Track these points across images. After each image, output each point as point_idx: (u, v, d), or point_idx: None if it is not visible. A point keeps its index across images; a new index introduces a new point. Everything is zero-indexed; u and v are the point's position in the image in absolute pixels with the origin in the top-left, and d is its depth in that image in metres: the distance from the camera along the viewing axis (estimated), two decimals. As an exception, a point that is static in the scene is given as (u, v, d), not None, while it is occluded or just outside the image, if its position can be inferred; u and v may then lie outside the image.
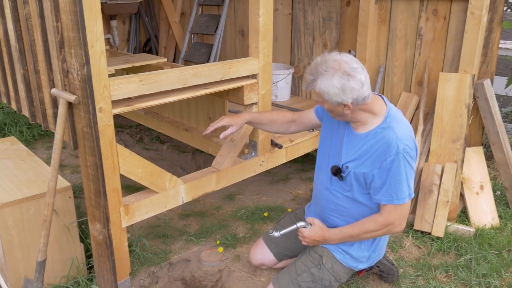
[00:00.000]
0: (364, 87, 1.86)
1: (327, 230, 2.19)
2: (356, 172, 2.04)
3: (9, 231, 2.29)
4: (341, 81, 1.82)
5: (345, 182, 2.11)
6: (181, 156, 4.32)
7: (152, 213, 2.43)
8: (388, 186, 1.96)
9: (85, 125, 2.06)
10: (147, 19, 5.49)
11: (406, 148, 1.94)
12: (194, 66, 2.45)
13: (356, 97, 1.86)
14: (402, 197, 1.97)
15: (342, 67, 1.83)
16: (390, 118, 1.99)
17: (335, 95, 1.86)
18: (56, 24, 1.99)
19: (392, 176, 1.95)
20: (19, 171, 2.62)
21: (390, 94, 3.57)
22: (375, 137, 1.99)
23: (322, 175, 2.26)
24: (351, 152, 2.07)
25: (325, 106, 1.98)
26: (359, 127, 2.05)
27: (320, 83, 1.86)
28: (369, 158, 2.00)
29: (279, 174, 3.93)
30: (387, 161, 1.94)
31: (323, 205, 2.26)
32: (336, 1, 3.74)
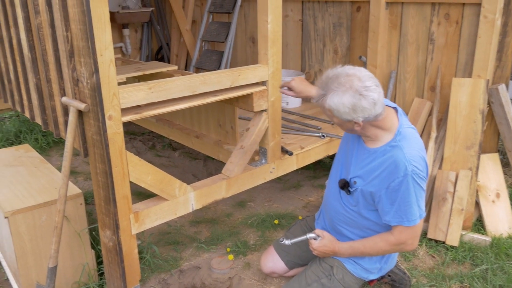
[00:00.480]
0: (376, 106, 1.78)
1: (337, 243, 2.16)
2: (363, 190, 2.00)
3: (21, 237, 2.32)
4: (352, 100, 1.75)
5: (352, 197, 2.08)
6: (193, 163, 4.32)
7: (162, 220, 2.43)
8: (397, 208, 1.91)
9: (94, 132, 2.08)
10: (159, 27, 5.54)
11: (415, 169, 1.86)
12: (203, 73, 2.45)
13: (367, 116, 1.79)
14: (413, 219, 1.92)
15: (354, 85, 1.75)
16: (400, 136, 1.91)
17: (345, 114, 1.79)
18: (66, 33, 2.01)
19: (401, 198, 1.89)
20: (32, 178, 2.65)
21: (402, 100, 3.53)
22: (384, 155, 1.93)
23: (332, 184, 2.23)
24: (359, 166, 2.03)
25: (334, 120, 1.92)
26: (368, 141, 2.01)
27: (330, 99, 1.79)
28: (377, 177, 1.94)
29: (290, 181, 3.91)
30: (395, 183, 1.88)
31: (331, 215, 2.24)
32: (346, 6, 3.72)
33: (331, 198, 2.23)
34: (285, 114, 3.87)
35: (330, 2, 3.82)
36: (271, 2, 2.60)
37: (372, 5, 3.43)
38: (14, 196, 2.41)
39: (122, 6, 5.26)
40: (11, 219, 2.25)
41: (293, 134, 3.39)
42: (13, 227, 2.27)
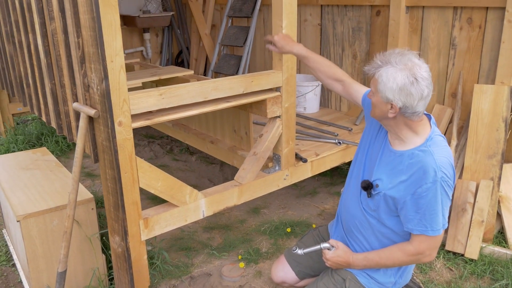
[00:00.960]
0: (421, 101, 1.72)
1: (351, 254, 2.08)
2: (386, 194, 1.92)
3: (33, 241, 2.34)
4: (405, 80, 1.68)
5: (372, 200, 1.99)
6: (209, 167, 4.31)
7: (172, 226, 2.41)
8: (422, 215, 1.83)
9: (104, 138, 2.08)
10: (179, 32, 5.57)
11: (445, 176, 1.78)
12: (215, 79, 2.43)
13: (408, 105, 1.72)
14: (437, 228, 1.83)
15: (414, 69, 1.69)
16: (431, 141, 1.83)
17: (390, 90, 1.71)
18: (77, 39, 2.02)
19: (427, 205, 1.80)
20: (47, 182, 2.68)
21: (422, 107, 3.44)
22: (411, 159, 1.85)
23: (352, 186, 2.15)
24: (383, 169, 1.95)
25: (373, 98, 1.83)
26: (395, 142, 1.93)
27: (384, 70, 1.71)
28: (403, 182, 1.86)
29: (306, 187, 3.85)
30: (422, 188, 1.80)
31: (347, 219, 2.16)
32: (365, 11, 3.65)
33: (349, 200, 2.14)
34: (301, 120, 3.83)
35: (350, 6, 3.76)
36: (286, 7, 2.56)
37: (392, 9, 3.36)
38: (27, 199, 2.44)
39: (143, 10, 5.32)
40: (23, 223, 2.28)
41: (309, 140, 3.34)
42: (25, 230, 2.29)
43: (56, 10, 2.18)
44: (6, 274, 2.78)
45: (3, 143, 4.61)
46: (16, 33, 3.01)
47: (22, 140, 4.64)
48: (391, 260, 1.97)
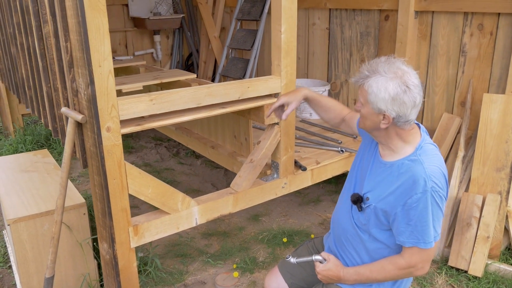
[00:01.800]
0: (414, 109, 1.67)
1: (342, 268, 2.00)
2: (376, 207, 1.85)
3: (23, 245, 2.32)
4: (397, 89, 1.62)
5: (363, 214, 1.93)
6: (214, 172, 4.27)
7: (163, 234, 2.37)
8: (414, 227, 1.75)
9: (92, 144, 2.05)
10: (189, 34, 5.55)
11: (435, 186, 1.71)
12: (210, 85, 2.38)
13: (401, 114, 1.66)
14: (429, 241, 1.75)
15: (404, 77, 1.63)
16: (421, 150, 1.77)
17: (382, 100, 1.65)
18: (65, 43, 1.99)
19: (418, 217, 1.73)
20: (42, 185, 2.67)
21: (431, 115, 3.33)
22: (401, 169, 1.78)
23: (343, 199, 2.09)
24: (373, 181, 1.89)
25: (362, 110, 1.76)
26: (386, 153, 1.86)
27: (373, 80, 1.65)
28: (393, 193, 1.80)
29: (310, 195, 3.77)
30: (412, 199, 1.73)
31: (339, 233, 2.09)
32: (374, 15, 3.56)
33: (340, 214, 2.08)
34: (306, 126, 3.75)
35: (358, 10, 3.67)
36: (285, 11, 2.50)
37: (400, 14, 3.25)
38: (20, 203, 2.43)
39: (153, 12, 5.31)
40: (12, 227, 2.26)
41: (311, 147, 3.26)
42: (15, 234, 2.28)
43: (48, 13, 2.16)
44: (2, 276, 2.78)
45: (12, 143, 4.65)
46: (18, 35, 3.01)
47: (30, 140, 4.68)
48: (382, 274, 1.89)
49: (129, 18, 5.33)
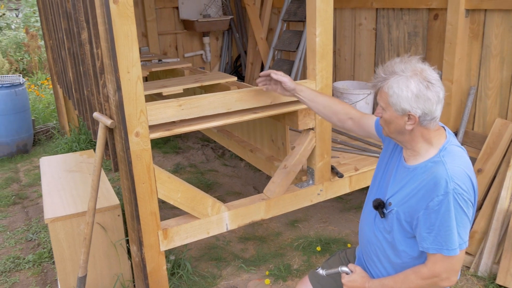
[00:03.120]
0: (439, 104, 1.59)
1: (368, 280, 1.92)
2: (399, 211, 1.76)
3: (60, 244, 2.42)
4: (419, 86, 1.55)
5: (386, 220, 1.83)
6: (256, 174, 4.25)
7: (193, 238, 2.38)
8: (437, 232, 1.65)
9: (120, 149, 2.08)
10: (238, 35, 5.56)
11: (458, 188, 1.59)
12: (240, 90, 2.36)
13: (427, 111, 1.58)
14: (453, 248, 1.64)
15: (424, 73, 1.57)
16: (445, 152, 1.67)
17: (406, 100, 1.58)
18: (96, 50, 2.04)
19: (440, 221, 1.62)
20: (82, 186, 2.76)
21: (482, 120, 3.10)
22: (424, 171, 1.69)
23: (367, 207, 1.99)
24: (397, 186, 1.79)
25: (384, 115, 1.68)
26: (410, 157, 1.76)
27: (393, 81, 1.58)
28: (414, 196, 1.70)
29: (352, 201, 3.65)
30: (434, 202, 1.62)
31: (364, 243, 2.00)
32: (422, 14, 3.38)
33: (364, 223, 2.00)
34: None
35: (406, 9, 3.50)
36: (320, 13, 2.43)
37: (450, 13, 3.06)
38: (59, 202, 2.53)
39: (203, 14, 5.37)
40: (50, 226, 2.36)
41: (352, 153, 3.15)
42: (53, 233, 2.38)
43: (84, 20, 2.23)
44: (46, 271, 2.92)
45: (67, 142, 4.88)
46: (66, 40, 3.14)
47: (84, 139, 4.89)
48: (405, 285, 1.78)
49: (179, 20, 5.43)
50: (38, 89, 7.38)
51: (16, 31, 9.76)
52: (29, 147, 5.13)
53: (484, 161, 2.94)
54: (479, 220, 2.78)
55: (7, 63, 8.11)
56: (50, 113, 6.15)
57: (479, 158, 2.98)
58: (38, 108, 6.28)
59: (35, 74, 8.33)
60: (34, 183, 4.26)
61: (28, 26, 9.50)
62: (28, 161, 4.90)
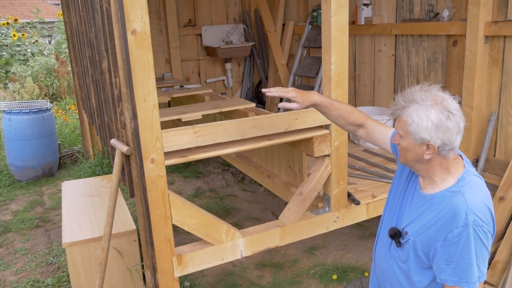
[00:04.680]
0: (459, 135, 1.57)
1: (382, 310, 1.88)
2: (415, 241, 1.72)
3: (77, 268, 2.45)
4: (440, 116, 1.54)
5: (402, 250, 1.79)
6: (275, 200, 4.24)
7: (207, 265, 2.38)
8: (456, 264, 1.60)
9: (136, 175, 2.12)
10: (259, 61, 5.63)
11: (478, 220, 1.55)
12: (255, 117, 2.39)
13: (447, 141, 1.56)
14: (472, 281, 1.59)
15: (444, 103, 1.56)
16: (464, 181, 1.63)
17: (425, 129, 1.56)
18: (114, 79, 2.11)
19: (460, 253, 1.58)
20: (100, 210, 2.81)
21: (504, 147, 3.04)
22: (442, 201, 1.65)
23: (381, 235, 1.95)
24: (413, 215, 1.75)
25: (402, 143, 1.65)
26: (427, 186, 1.73)
27: (413, 109, 1.57)
28: (432, 226, 1.66)
29: (371, 228, 3.60)
30: (453, 233, 1.58)
31: (378, 273, 1.96)
32: (441, 40, 3.36)
33: (378, 252, 1.95)
34: (368, 156, 3.60)
35: (425, 36, 3.49)
36: (335, 41, 2.45)
37: (468, 39, 3.04)
38: (78, 227, 2.58)
39: (225, 41, 5.48)
40: (68, 250, 2.40)
41: (370, 179, 3.12)
42: (70, 258, 2.42)
43: (104, 50, 2.31)
44: (64, 294, 2.95)
45: (91, 166, 4.99)
46: (90, 67, 3.25)
47: (107, 163, 4.99)
48: None
49: (202, 47, 5.55)
50: (65, 114, 7.60)
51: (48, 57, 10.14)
52: (54, 171, 5.26)
53: (506, 188, 2.87)
54: (501, 249, 2.70)
55: (37, 88, 8.41)
56: (76, 137, 6.31)
57: (501, 186, 2.90)
58: (64, 132, 6.46)
59: (64, 99, 8.60)
60: (57, 206, 4.35)
61: (59, 53, 9.87)
62: (53, 184, 5.02)
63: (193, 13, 5.43)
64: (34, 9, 12.05)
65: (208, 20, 5.51)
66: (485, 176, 3.13)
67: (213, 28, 5.51)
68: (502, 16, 2.92)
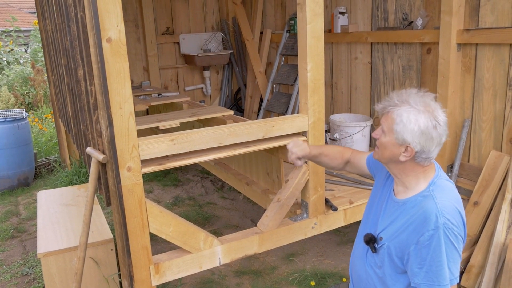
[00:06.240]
0: (437, 147, 1.61)
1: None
2: (390, 246, 1.74)
3: (53, 279, 2.41)
4: (428, 123, 1.56)
5: (377, 255, 1.81)
6: (255, 207, 4.24)
7: (185, 273, 2.36)
8: (428, 267, 1.63)
9: (112, 183, 2.10)
10: (238, 69, 5.65)
11: (448, 223, 1.59)
12: (232, 124, 2.39)
13: (425, 149, 1.60)
14: (444, 284, 1.62)
15: (435, 113, 1.58)
16: (434, 186, 1.67)
17: (410, 132, 1.59)
18: (90, 87, 2.09)
19: (432, 256, 1.61)
20: (77, 220, 2.77)
21: (477, 153, 3.11)
22: (414, 206, 1.68)
23: (358, 241, 1.98)
24: (387, 221, 1.78)
25: (383, 139, 1.68)
26: (400, 191, 1.76)
27: (404, 110, 1.59)
28: (404, 231, 1.69)
29: (350, 234, 3.63)
30: (424, 237, 1.61)
31: (355, 279, 1.98)
32: (416, 48, 3.44)
33: (355, 258, 1.97)
34: (346, 162, 3.64)
35: (400, 44, 3.56)
36: (311, 49, 2.48)
37: (442, 47, 3.11)
38: (53, 237, 2.54)
39: (204, 49, 5.49)
40: (43, 261, 2.36)
41: (348, 185, 3.15)
42: (45, 268, 2.37)
43: (79, 58, 2.29)
44: (39, 306, 2.89)
45: (68, 175, 4.92)
46: (66, 76, 3.22)
47: (84, 172, 4.92)
48: None
49: (180, 55, 5.54)
50: (41, 123, 7.48)
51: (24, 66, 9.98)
52: (30, 180, 5.16)
53: (480, 193, 2.93)
54: (476, 254, 2.75)
55: (13, 97, 8.27)
56: (53, 146, 6.22)
57: (475, 191, 2.97)
58: (40, 142, 6.36)
59: (40, 108, 8.47)
60: (33, 216, 4.27)
61: (35, 61, 9.72)
62: (28, 194, 4.93)
63: (171, 21, 5.43)
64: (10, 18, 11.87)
65: (186, 28, 5.52)
66: (459, 181, 3.20)
67: (191, 36, 5.52)
68: (474, 25, 3.00)
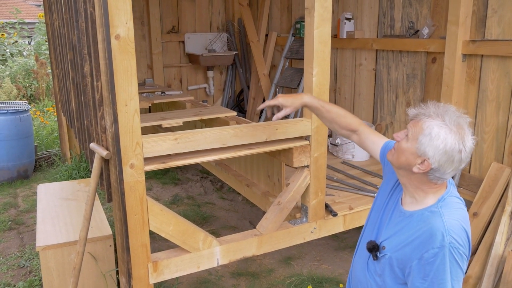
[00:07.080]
0: (453, 172, 1.58)
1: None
2: (392, 257, 1.74)
3: (50, 272, 2.41)
4: (455, 146, 1.52)
5: (378, 263, 1.81)
6: (253, 209, 4.24)
7: (183, 272, 2.36)
8: (430, 284, 1.62)
9: (114, 180, 2.11)
10: (241, 70, 5.66)
11: (454, 242, 1.57)
12: (236, 126, 2.40)
13: (441, 169, 1.56)
14: None
15: (465, 137, 1.55)
16: (443, 202, 1.64)
17: (434, 147, 1.54)
18: (96, 83, 2.10)
19: (435, 274, 1.59)
20: (76, 214, 2.77)
21: (479, 164, 3.12)
22: (420, 220, 1.67)
23: (360, 247, 1.97)
24: (392, 230, 1.77)
25: (404, 144, 1.63)
26: (408, 202, 1.75)
27: (436, 125, 1.54)
28: (409, 244, 1.68)
29: (348, 240, 3.63)
30: (429, 254, 1.60)
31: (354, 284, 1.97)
32: (421, 57, 3.45)
33: (356, 263, 1.97)
34: (346, 168, 3.65)
35: (405, 52, 3.57)
36: (318, 54, 2.49)
37: (447, 57, 3.12)
38: (52, 231, 2.54)
39: (208, 49, 5.49)
40: (41, 254, 2.36)
41: (348, 191, 3.15)
42: (43, 261, 2.38)
43: (86, 53, 2.29)
44: (35, 300, 2.89)
45: (68, 169, 4.91)
46: (71, 70, 3.22)
47: (84, 167, 4.92)
48: None
49: (184, 54, 5.55)
50: (43, 116, 7.48)
51: (27, 58, 9.98)
52: (29, 173, 5.16)
53: (480, 204, 2.94)
54: (474, 264, 2.76)
55: (15, 89, 8.26)
56: (53, 139, 6.22)
57: (475, 202, 2.97)
58: (41, 135, 6.35)
59: (42, 101, 8.47)
60: (31, 209, 4.27)
61: (39, 54, 9.72)
62: (27, 186, 4.93)
63: (176, 20, 5.44)
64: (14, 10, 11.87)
65: (192, 27, 5.53)
66: (459, 191, 3.20)
67: (196, 35, 5.52)
68: (480, 36, 3.01)
